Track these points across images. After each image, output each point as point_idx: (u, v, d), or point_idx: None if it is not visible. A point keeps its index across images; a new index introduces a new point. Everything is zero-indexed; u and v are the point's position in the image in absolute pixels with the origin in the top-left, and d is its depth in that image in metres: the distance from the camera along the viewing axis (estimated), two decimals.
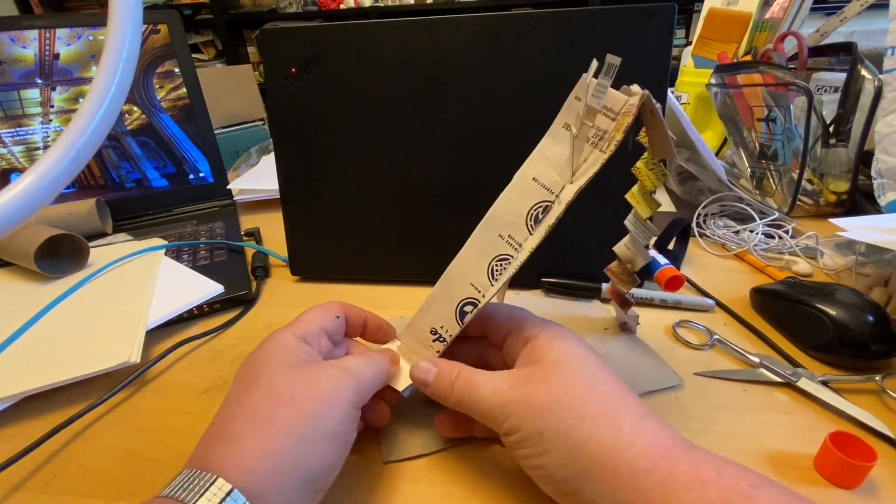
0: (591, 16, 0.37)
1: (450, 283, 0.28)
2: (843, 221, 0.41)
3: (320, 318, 0.28)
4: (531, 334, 0.26)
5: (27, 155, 0.59)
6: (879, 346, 0.32)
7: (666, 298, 0.41)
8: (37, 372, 0.33)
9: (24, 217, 0.17)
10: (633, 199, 0.29)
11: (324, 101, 0.43)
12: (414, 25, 0.39)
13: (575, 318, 0.41)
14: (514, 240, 0.26)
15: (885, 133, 0.48)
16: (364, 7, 2.38)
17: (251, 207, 0.67)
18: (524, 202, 0.26)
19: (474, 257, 0.27)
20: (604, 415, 0.22)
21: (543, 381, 0.23)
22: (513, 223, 0.26)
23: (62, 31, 0.58)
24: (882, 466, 0.26)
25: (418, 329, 0.30)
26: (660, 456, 0.21)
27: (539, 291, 0.45)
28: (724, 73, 0.60)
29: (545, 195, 0.26)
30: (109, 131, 0.19)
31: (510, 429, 0.23)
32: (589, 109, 0.24)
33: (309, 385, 0.23)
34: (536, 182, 0.26)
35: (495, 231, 0.27)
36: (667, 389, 0.32)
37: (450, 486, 0.27)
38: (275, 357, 0.25)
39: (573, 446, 0.21)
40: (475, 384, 0.25)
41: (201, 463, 0.21)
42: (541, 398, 0.23)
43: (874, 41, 0.67)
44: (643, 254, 0.31)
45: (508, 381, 0.24)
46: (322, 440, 0.22)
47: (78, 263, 0.47)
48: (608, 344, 0.37)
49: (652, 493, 0.19)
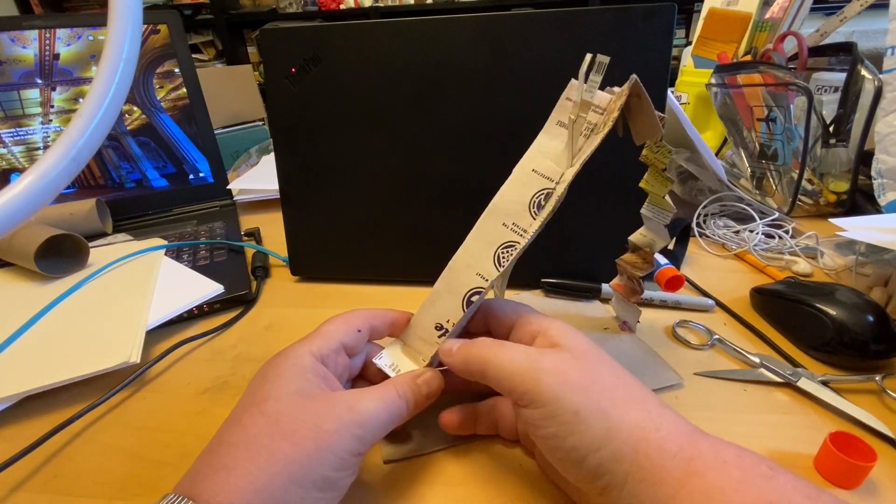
0: (591, 16, 0.37)
1: (454, 277, 0.28)
2: (843, 221, 0.41)
3: (340, 332, 0.27)
4: (540, 327, 0.26)
5: (27, 155, 0.59)
6: (879, 346, 0.32)
7: (666, 299, 0.41)
8: (37, 372, 0.33)
9: (24, 217, 0.17)
10: (647, 185, 0.30)
11: (324, 101, 0.43)
12: (414, 25, 0.39)
13: (575, 317, 0.41)
14: (519, 226, 0.27)
15: (885, 133, 0.48)
16: (364, 7, 2.38)
17: (251, 207, 0.67)
18: (525, 192, 0.27)
19: (480, 248, 0.28)
20: (633, 398, 0.22)
21: (574, 361, 0.23)
22: (516, 212, 0.27)
23: (62, 31, 0.58)
24: (882, 466, 0.26)
25: (422, 327, 0.29)
26: (684, 438, 0.21)
27: (539, 292, 0.45)
28: (724, 73, 0.60)
29: (546, 183, 0.27)
30: (109, 131, 0.19)
31: (541, 399, 0.22)
32: (584, 103, 0.26)
33: (314, 423, 0.22)
34: (536, 173, 0.27)
35: (499, 220, 0.28)
36: (667, 389, 0.32)
37: (451, 486, 0.27)
38: (287, 380, 0.24)
39: (610, 427, 0.21)
40: (503, 344, 0.25)
41: (189, 490, 0.20)
42: (575, 376, 0.23)
43: (874, 41, 0.67)
44: (662, 234, 0.31)
45: (538, 351, 0.24)
46: (314, 486, 0.22)
47: (78, 263, 0.47)
48: (608, 343, 0.37)
49: (678, 472, 0.20)
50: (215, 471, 0.21)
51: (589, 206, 0.41)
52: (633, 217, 0.42)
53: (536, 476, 0.27)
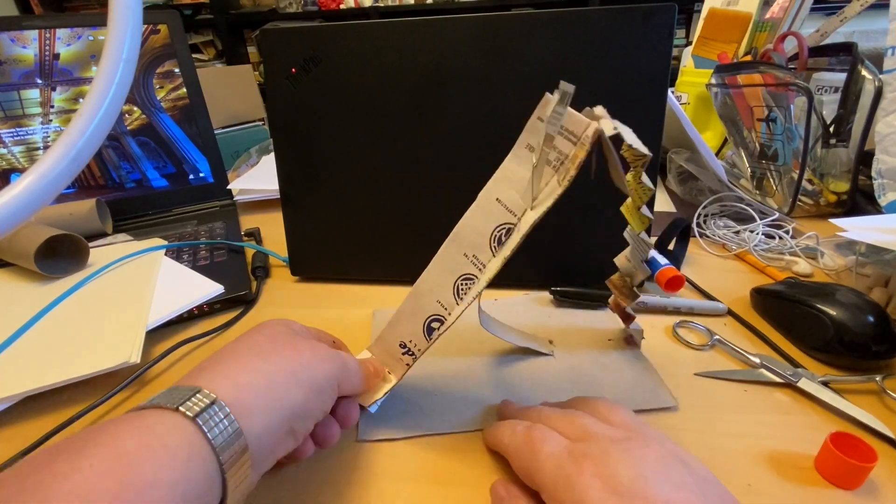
0: (591, 16, 0.37)
1: (418, 298, 0.29)
2: (843, 222, 0.41)
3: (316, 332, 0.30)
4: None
5: (27, 155, 0.59)
6: (879, 346, 0.32)
7: (679, 305, 0.41)
8: (37, 372, 0.33)
9: (24, 217, 0.17)
10: (626, 212, 0.28)
11: (324, 101, 0.43)
12: (414, 25, 0.39)
13: (580, 328, 0.40)
14: (479, 260, 0.27)
15: (885, 133, 0.48)
16: (364, 7, 2.38)
17: (251, 207, 0.67)
18: (488, 223, 0.26)
19: (441, 274, 0.28)
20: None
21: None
22: (477, 243, 0.27)
23: (62, 31, 0.58)
24: (882, 467, 0.26)
25: (388, 341, 0.30)
26: None
27: (547, 299, 0.43)
28: (724, 73, 0.60)
29: (508, 217, 0.26)
30: (109, 131, 0.19)
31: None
32: (548, 136, 0.24)
33: (310, 344, 0.25)
34: (500, 203, 0.26)
35: (460, 250, 0.27)
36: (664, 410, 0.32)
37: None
38: (279, 324, 0.27)
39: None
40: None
41: (189, 381, 0.21)
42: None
43: (874, 41, 0.67)
44: (643, 268, 0.30)
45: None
46: (311, 386, 0.23)
47: (78, 263, 0.47)
48: (609, 356, 0.36)
49: None
50: (216, 364, 0.22)
51: (598, 209, 0.41)
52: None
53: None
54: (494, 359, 0.36)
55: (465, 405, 0.32)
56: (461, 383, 0.34)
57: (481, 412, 0.31)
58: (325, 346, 0.26)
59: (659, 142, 0.39)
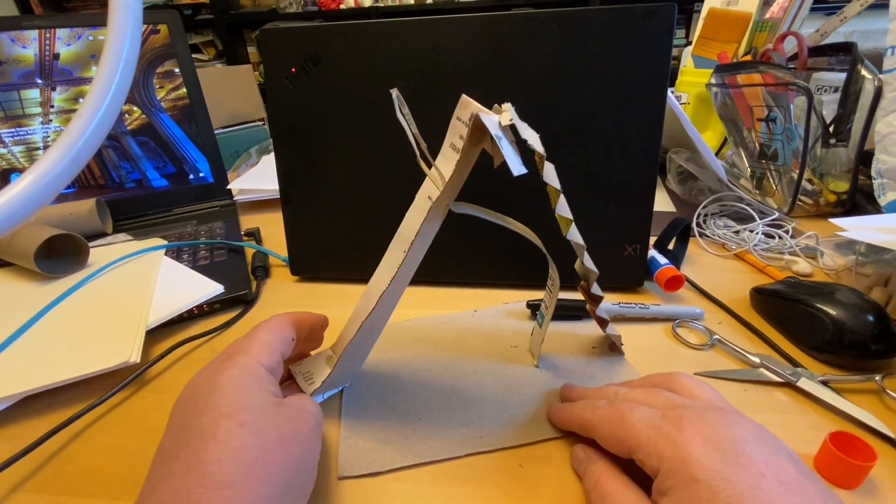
0: (591, 16, 0.37)
1: (367, 296, 0.30)
2: (843, 221, 0.41)
3: (279, 344, 0.28)
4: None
5: (27, 155, 0.59)
6: (879, 345, 0.32)
7: (656, 314, 0.40)
8: (37, 372, 0.33)
9: (24, 217, 0.17)
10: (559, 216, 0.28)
11: (324, 101, 0.43)
12: (414, 25, 0.39)
13: (563, 335, 0.39)
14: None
15: (885, 133, 0.48)
16: (364, 7, 2.38)
17: (251, 207, 0.67)
18: (419, 219, 0.28)
19: (385, 272, 0.29)
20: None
21: None
22: (412, 239, 0.28)
23: (62, 31, 0.58)
24: (882, 466, 0.26)
25: (345, 338, 0.31)
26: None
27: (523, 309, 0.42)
28: (724, 73, 0.60)
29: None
30: (109, 131, 0.19)
31: None
32: (452, 125, 0.26)
33: (293, 427, 0.23)
34: (430, 200, 0.27)
35: (401, 247, 0.28)
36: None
37: (449, 486, 0.27)
38: (252, 391, 0.23)
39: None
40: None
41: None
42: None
43: (874, 41, 0.67)
44: (591, 269, 0.29)
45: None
46: (302, 487, 0.22)
47: (78, 263, 0.47)
48: (592, 365, 0.35)
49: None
50: (213, 491, 0.19)
51: (586, 212, 0.41)
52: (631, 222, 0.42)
53: (536, 477, 0.27)
54: (476, 374, 0.35)
55: (450, 427, 0.30)
56: (444, 403, 0.32)
57: (470, 433, 0.30)
58: (301, 408, 0.24)
59: (659, 142, 0.39)
